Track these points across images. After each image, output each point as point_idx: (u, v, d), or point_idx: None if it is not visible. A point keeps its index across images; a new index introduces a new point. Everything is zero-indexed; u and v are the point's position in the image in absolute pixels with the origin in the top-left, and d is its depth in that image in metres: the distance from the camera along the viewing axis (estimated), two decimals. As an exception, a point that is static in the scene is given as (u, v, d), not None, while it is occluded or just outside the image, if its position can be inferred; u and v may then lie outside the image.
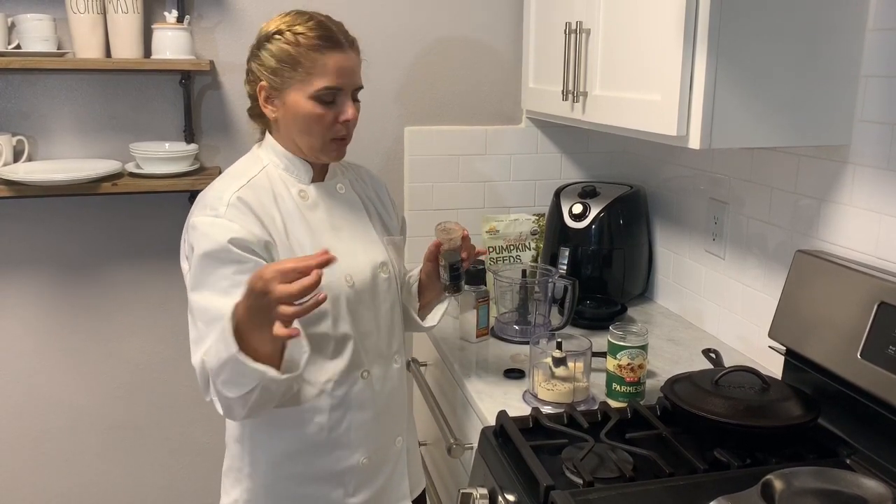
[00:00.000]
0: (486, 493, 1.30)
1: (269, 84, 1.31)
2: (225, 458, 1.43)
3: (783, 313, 1.48)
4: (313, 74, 1.28)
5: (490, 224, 2.17)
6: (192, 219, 1.28)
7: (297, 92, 1.29)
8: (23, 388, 2.12)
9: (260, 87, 1.32)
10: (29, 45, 1.84)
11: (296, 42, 1.28)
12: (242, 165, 1.39)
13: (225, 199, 1.27)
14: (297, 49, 1.28)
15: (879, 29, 1.35)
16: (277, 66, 1.29)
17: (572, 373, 1.50)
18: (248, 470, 1.37)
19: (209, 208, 1.27)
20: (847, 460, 1.26)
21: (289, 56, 1.28)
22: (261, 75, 1.32)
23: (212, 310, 1.19)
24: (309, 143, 1.33)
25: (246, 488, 1.37)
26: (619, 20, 1.60)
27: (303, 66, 1.28)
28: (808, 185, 1.55)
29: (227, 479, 1.42)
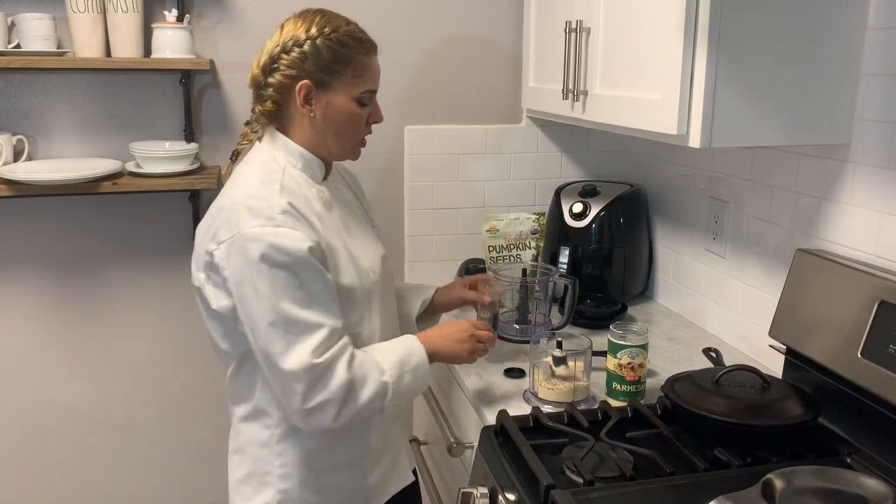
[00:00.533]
0: (486, 493, 1.30)
1: (314, 83, 1.29)
2: (237, 469, 1.40)
3: (783, 312, 1.48)
4: (360, 77, 1.32)
5: (490, 223, 2.17)
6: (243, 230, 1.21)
7: (342, 93, 1.31)
8: (23, 388, 2.12)
9: (301, 86, 1.29)
10: (29, 45, 1.84)
11: (349, 44, 1.30)
12: (263, 166, 1.32)
13: (277, 207, 1.22)
14: (350, 51, 1.30)
15: (880, 28, 1.35)
16: (329, 65, 1.29)
17: (573, 372, 1.50)
18: (279, 472, 1.35)
19: (263, 217, 1.21)
20: (847, 459, 1.26)
21: (342, 57, 1.29)
22: (304, 74, 1.29)
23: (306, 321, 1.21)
24: (342, 143, 1.35)
25: (278, 490, 1.35)
26: (619, 19, 1.60)
27: (353, 67, 1.30)
28: (808, 183, 1.55)
29: (248, 487, 1.38)
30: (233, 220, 1.23)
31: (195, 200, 2.08)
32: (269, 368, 1.23)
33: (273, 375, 1.24)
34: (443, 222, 2.27)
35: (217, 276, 1.26)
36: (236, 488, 1.40)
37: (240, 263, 1.21)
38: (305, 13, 1.33)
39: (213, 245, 1.25)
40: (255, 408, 1.35)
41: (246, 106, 2.08)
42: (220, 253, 1.23)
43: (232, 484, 1.41)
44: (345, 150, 1.37)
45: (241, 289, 1.22)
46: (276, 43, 1.31)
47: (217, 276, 1.26)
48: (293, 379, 1.21)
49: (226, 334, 1.31)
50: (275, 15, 2.05)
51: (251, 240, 1.20)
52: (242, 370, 1.34)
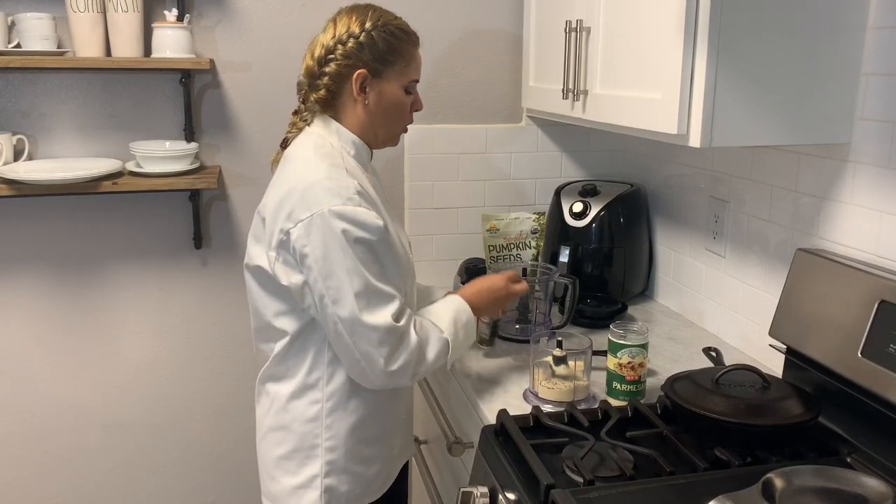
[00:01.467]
0: (486, 492, 1.30)
1: (370, 71, 1.39)
2: (278, 446, 1.46)
3: (784, 312, 1.48)
4: (409, 67, 1.43)
5: (490, 222, 2.17)
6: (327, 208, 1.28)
7: (394, 82, 1.41)
8: (23, 387, 2.12)
9: (358, 74, 1.38)
10: (29, 44, 1.84)
11: (400, 36, 1.41)
12: (322, 150, 1.39)
13: (351, 188, 1.31)
14: (401, 43, 1.41)
15: (880, 27, 1.35)
16: (384, 55, 1.39)
17: (573, 371, 1.50)
18: (327, 444, 1.43)
19: (342, 197, 1.29)
20: (848, 459, 1.26)
21: (395, 48, 1.40)
22: (361, 63, 1.38)
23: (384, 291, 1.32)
24: (390, 130, 1.47)
25: (326, 461, 1.43)
26: (619, 18, 1.60)
27: (404, 58, 1.42)
28: (808, 183, 1.55)
29: (292, 462, 1.45)
30: (311, 200, 1.29)
31: (195, 200, 2.08)
32: (355, 335, 1.31)
33: (358, 341, 1.31)
34: (443, 222, 2.27)
35: (290, 254, 1.32)
36: (278, 465, 1.46)
37: (322, 239, 1.28)
38: (357, 8, 1.43)
39: (289, 224, 1.31)
40: (303, 384, 1.42)
41: (246, 105, 2.10)
42: (299, 231, 1.30)
43: (272, 461, 1.47)
44: (389, 137, 1.49)
45: (324, 263, 1.29)
46: (331, 35, 1.39)
47: (290, 254, 1.32)
48: (379, 342, 1.31)
49: (286, 311, 1.38)
50: (275, 15, 2.07)
51: (334, 217, 1.28)
52: (293, 347, 1.41)
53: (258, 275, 1.39)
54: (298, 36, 2.10)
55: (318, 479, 1.43)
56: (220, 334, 2.22)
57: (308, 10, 2.09)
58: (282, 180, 1.37)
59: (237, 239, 2.17)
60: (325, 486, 1.43)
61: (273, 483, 1.47)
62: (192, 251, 2.15)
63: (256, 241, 1.40)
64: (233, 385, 2.26)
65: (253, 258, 1.40)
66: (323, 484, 1.43)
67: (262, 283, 1.40)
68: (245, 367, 2.25)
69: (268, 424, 1.47)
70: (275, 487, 1.47)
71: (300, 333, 1.39)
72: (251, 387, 2.25)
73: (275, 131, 2.13)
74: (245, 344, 2.23)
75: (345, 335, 1.31)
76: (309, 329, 1.39)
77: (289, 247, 1.31)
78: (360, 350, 1.32)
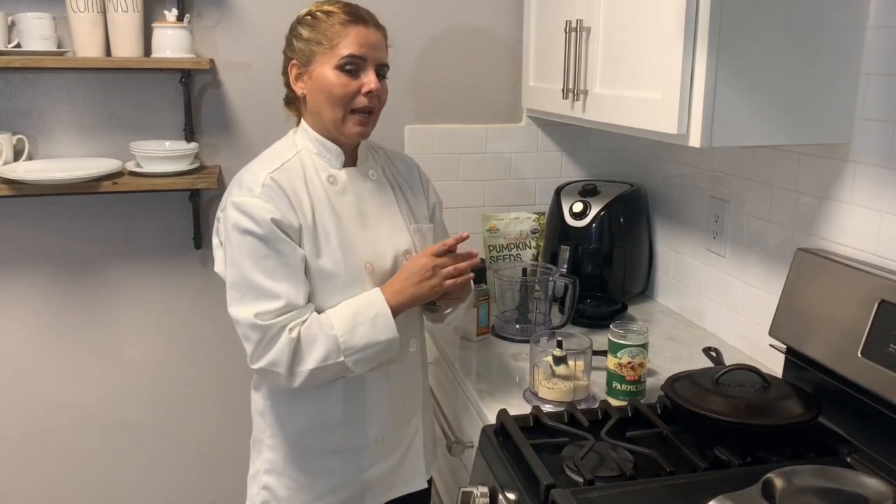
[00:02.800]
0: (486, 492, 1.31)
1: (299, 61, 1.39)
2: (252, 431, 1.52)
3: (784, 312, 1.48)
4: (338, 45, 1.35)
5: (490, 222, 2.17)
6: (230, 198, 1.34)
7: (323, 65, 1.36)
8: (23, 387, 2.12)
9: (291, 66, 1.41)
10: (29, 44, 1.84)
11: (323, 18, 1.37)
12: (278, 149, 1.44)
13: (259, 181, 1.33)
14: (324, 24, 1.36)
15: (880, 27, 1.35)
16: (306, 41, 1.38)
17: (573, 371, 1.50)
18: (269, 442, 1.46)
19: (246, 189, 1.33)
20: (848, 459, 1.26)
21: (317, 31, 1.37)
22: (291, 55, 1.41)
23: (263, 287, 1.30)
24: (333, 115, 1.37)
25: (267, 459, 1.46)
26: (619, 18, 1.60)
27: (328, 38, 1.36)
28: (808, 183, 1.55)
29: (254, 451, 1.51)
30: (231, 190, 1.37)
31: (195, 200, 2.08)
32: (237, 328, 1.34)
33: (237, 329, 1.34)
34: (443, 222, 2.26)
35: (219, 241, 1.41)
36: (251, 449, 1.53)
37: (226, 228, 1.34)
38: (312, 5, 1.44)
39: (220, 212, 1.40)
40: (256, 377, 1.47)
41: (246, 104, 2.09)
42: (222, 217, 1.38)
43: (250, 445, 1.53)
44: (338, 122, 1.37)
45: (225, 251, 1.36)
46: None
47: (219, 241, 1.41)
48: (243, 337, 1.32)
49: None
50: (275, 14, 2.07)
51: (231, 207, 1.33)
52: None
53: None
54: (298, 36, 2.10)
55: (261, 474, 1.47)
56: (219, 334, 2.22)
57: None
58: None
59: (237, 239, 2.17)
60: (264, 483, 1.47)
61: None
62: (192, 251, 2.15)
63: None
64: (233, 385, 2.26)
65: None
66: (263, 480, 1.47)
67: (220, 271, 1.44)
68: (245, 366, 2.24)
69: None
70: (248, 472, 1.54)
71: None
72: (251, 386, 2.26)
73: (275, 131, 2.12)
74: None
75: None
76: None
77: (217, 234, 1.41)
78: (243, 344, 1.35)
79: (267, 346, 1.30)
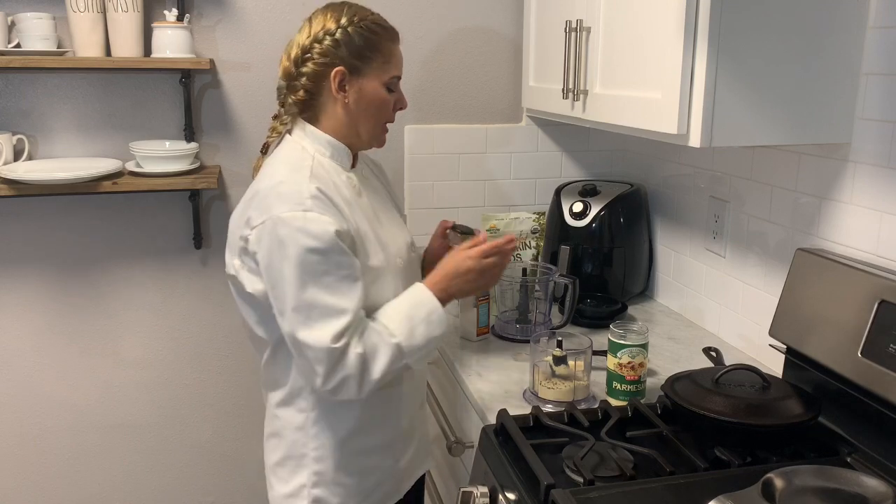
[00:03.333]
0: (486, 492, 1.30)
1: (349, 69, 1.35)
2: (273, 452, 1.44)
3: (784, 311, 1.48)
4: (388, 63, 1.38)
5: (490, 222, 2.17)
6: (273, 214, 1.24)
7: (373, 79, 1.37)
8: (23, 387, 2.12)
9: (336, 72, 1.34)
10: (29, 44, 1.84)
11: (380, 32, 1.37)
12: (293, 156, 1.36)
13: (306, 192, 1.26)
14: (380, 38, 1.37)
15: (880, 27, 1.35)
16: (361, 51, 1.35)
17: (573, 371, 1.50)
18: (314, 454, 1.40)
19: (293, 203, 1.24)
20: (848, 458, 1.26)
21: (372, 43, 1.35)
22: (339, 60, 1.34)
23: (328, 306, 1.24)
24: (371, 128, 1.40)
25: (313, 471, 1.40)
26: (619, 18, 1.60)
27: (382, 53, 1.37)
28: (808, 183, 1.55)
29: (283, 469, 1.43)
30: (264, 206, 1.26)
31: (195, 200, 2.08)
32: (295, 350, 1.28)
33: (298, 357, 1.28)
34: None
35: (251, 261, 1.30)
36: (273, 471, 1.45)
37: (270, 247, 1.25)
38: (332, 6, 1.39)
39: (246, 230, 1.29)
40: (290, 392, 1.39)
41: (246, 104, 2.09)
42: (253, 237, 1.27)
43: (269, 467, 1.46)
44: (373, 136, 1.42)
45: (270, 272, 1.26)
46: (307, 35, 1.36)
47: (251, 261, 1.30)
48: (315, 361, 1.25)
49: (261, 320, 1.35)
50: (275, 14, 2.07)
51: (281, 224, 1.23)
52: (278, 355, 1.38)
53: (234, 283, 1.36)
54: (298, 36, 2.10)
55: (306, 489, 1.40)
56: (219, 334, 2.22)
57: (308, 9, 2.05)
58: (250, 188, 1.36)
59: (237, 239, 2.17)
60: (313, 496, 1.40)
61: (270, 489, 1.47)
62: (192, 251, 2.15)
63: (229, 249, 1.37)
64: (233, 385, 2.26)
65: (228, 267, 1.37)
66: (311, 494, 1.40)
67: (239, 292, 1.36)
68: (245, 367, 2.25)
69: (266, 431, 1.47)
70: (271, 494, 1.47)
71: (280, 342, 1.35)
72: (251, 386, 2.27)
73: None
74: (245, 344, 2.23)
75: (292, 347, 1.28)
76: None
77: (248, 253, 1.29)
78: (301, 366, 1.30)
79: (338, 367, 1.25)
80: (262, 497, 2.33)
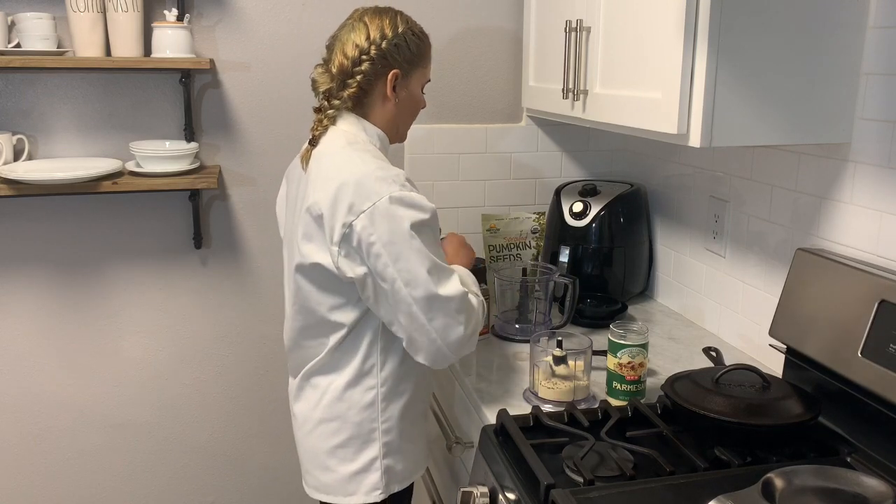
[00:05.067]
0: (486, 492, 1.31)
1: (403, 72, 1.47)
2: (333, 436, 1.49)
3: (784, 311, 1.48)
4: (427, 68, 1.54)
5: (490, 222, 2.17)
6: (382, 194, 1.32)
7: (417, 82, 1.52)
8: (23, 387, 2.12)
9: (394, 74, 1.46)
10: (29, 44, 1.84)
11: (424, 40, 1.51)
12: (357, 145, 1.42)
13: (401, 175, 1.37)
14: (425, 45, 1.51)
15: (880, 27, 1.35)
16: (414, 57, 1.48)
17: (573, 371, 1.50)
18: (384, 426, 1.49)
19: (397, 184, 1.34)
20: (848, 458, 1.26)
21: (421, 50, 1.50)
22: (396, 64, 1.46)
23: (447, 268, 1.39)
24: (408, 125, 1.57)
25: (384, 443, 1.49)
26: (619, 18, 1.60)
27: (426, 60, 1.52)
28: (808, 183, 1.55)
29: (347, 450, 1.49)
30: (368, 191, 1.33)
31: (195, 200, 2.08)
32: (432, 310, 1.34)
33: (435, 317, 1.35)
34: (443, 221, 2.25)
35: (352, 246, 1.34)
36: (332, 454, 1.50)
37: (388, 225, 1.32)
38: (383, 10, 1.49)
39: (350, 217, 1.33)
40: (358, 372, 1.46)
41: (246, 105, 2.09)
42: (363, 222, 1.32)
43: (325, 451, 1.51)
44: (405, 132, 1.57)
45: (393, 248, 1.33)
46: (365, 36, 1.44)
47: (352, 246, 1.34)
48: (457, 311, 1.36)
49: (342, 304, 1.42)
50: (275, 14, 2.07)
51: (395, 203, 1.32)
52: (349, 338, 1.45)
53: (314, 273, 1.40)
54: (298, 36, 2.10)
55: (378, 460, 1.49)
56: (220, 334, 2.22)
57: (308, 9, 2.09)
58: (326, 177, 1.37)
59: (237, 239, 2.17)
60: (385, 466, 1.49)
61: (327, 473, 1.50)
62: (192, 251, 2.15)
63: (309, 240, 1.40)
64: (233, 385, 2.26)
65: (308, 256, 1.40)
66: (383, 465, 1.49)
67: (317, 281, 1.41)
68: (245, 366, 2.25)
69: (318, 417, 1.50)
70: (329, 477, 1.50)
71: (356, 324, 1.43)
72: (251, 386, 2.27)
73: (275, 131, 2.13)
74: (245, 344, 2.23)
75: (420, 316, 1.34)
76: (365, 319, 1.43)
77: (352, 239, 1.33)
78: (437, 326, 1.35)
79: (472, 312, 1.39)
80: (263, 497, 2.34)
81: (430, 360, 1.39)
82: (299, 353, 1.52)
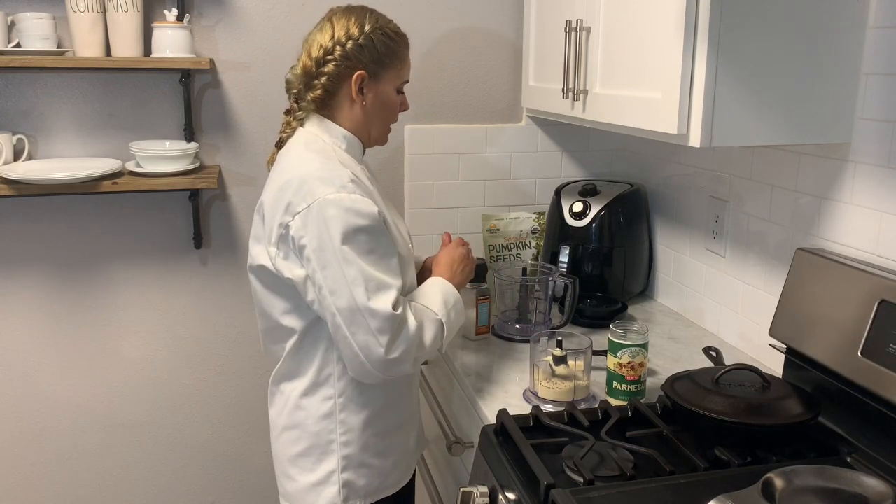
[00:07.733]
0: (486, 492, 1.30)
1: (369, 73, 1.41)
2: (293, 444, 1.46)
3: (784, 311, 1.48)
4: (402, 69, 1.47)
5: (490, 222, 2.17)
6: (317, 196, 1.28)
7: (389, 84, 1.45)
8: (23, 387, 2.12)
9: (358, 76, 1.40)
10: (29, 44, 1.84)
11: (396, 39, 1.44)
12: (313, 145, 1.40)
13: (345, 177, 1.31)
14: (398, 45, 1.45)
15: (880, 27, 1.35)
16: (382, 58, 1.42)
17: (573, 371, 1.50)
18: (342, 439, 1.44)
19: (336, 186, 1.30)
20: (847, 458, 1.26)
21: (392, 50, 1.43)
22: (360, 65, 1.40)
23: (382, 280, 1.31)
24: (382, 128, 1.50)
25: (343, 456, 1.44)
26: (619, 18, 1.60)
27: (399, 60, 1.45)
28: (808, 182, 1.55)
29: (307, 459, 1.45)
30: (306, 191, 1.30)
31: (195, 200, 2.08)
32: (353, 325, 1.29)
33: (356, 332, 1.30)
34: (443, 221, 2.27)
35: (290, 247, 1.32)
36: (294, 463, 1.47)
37: (319, 228, 1.28)
38: (353, 9, 1.44)
39: (287, 217, 1.31)
40: (314, 381, 1.42)
41: (246, 104, 2.09)
42: (298, 222, 1.30)
43: (287, 459, 1.48)
44: (380, 135, 1.51)
45: (321, 253, 1.29)
46: (329, 36, 1.40)
47: (290, 247, 1.32)
48: (379, 331, 1.29)
49: (291, 309, 1.39)
50: (275, 14, 2.07)
51: (328, 205, 1.28)
52: (303, 344, 1.41)
53: (262, 274, 1.40)
54: (298, 36, 2.09)
55: (336, 474, 1.44)
56: (220, 334, 2.22)
57: (308, 9, 2.09)
58: (276, 176, 1.38)
59: (237, 239, 2.17)
60: (343, 480, 1.44)
61: (290, 482, 1.48)
62: (192, 251, 2.15)
63: (257, 241, 1.40)
64: (233, 385, 2.26)
65: (255, 258, 1.40)
66: (341, 479, 1.44)
67: (267, 283, 1.40)
68: (245, 366, 2.25)
69: (282, 424, 1.48)
70: (292, 486, 1.48)
71: (308, 330, 1.39)
72: (251, 386, 2.27)
73: (275, 131, 2.12)
74: (245, 344, 2.23)
75: (343, 327, 1.30)
76: (317, 325, 1.39)
77: (288, 240, 1.32)
78: (359, 341, 1.30)
79: (400, 334, 1.31)
80: (262, 497, 2.34)
81: (356, 374, 1.35)
82: (269, 356, 1.51)
